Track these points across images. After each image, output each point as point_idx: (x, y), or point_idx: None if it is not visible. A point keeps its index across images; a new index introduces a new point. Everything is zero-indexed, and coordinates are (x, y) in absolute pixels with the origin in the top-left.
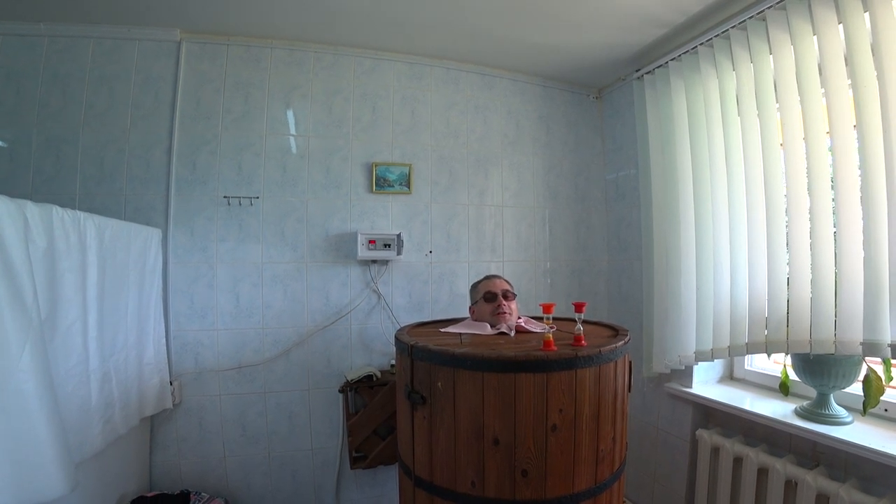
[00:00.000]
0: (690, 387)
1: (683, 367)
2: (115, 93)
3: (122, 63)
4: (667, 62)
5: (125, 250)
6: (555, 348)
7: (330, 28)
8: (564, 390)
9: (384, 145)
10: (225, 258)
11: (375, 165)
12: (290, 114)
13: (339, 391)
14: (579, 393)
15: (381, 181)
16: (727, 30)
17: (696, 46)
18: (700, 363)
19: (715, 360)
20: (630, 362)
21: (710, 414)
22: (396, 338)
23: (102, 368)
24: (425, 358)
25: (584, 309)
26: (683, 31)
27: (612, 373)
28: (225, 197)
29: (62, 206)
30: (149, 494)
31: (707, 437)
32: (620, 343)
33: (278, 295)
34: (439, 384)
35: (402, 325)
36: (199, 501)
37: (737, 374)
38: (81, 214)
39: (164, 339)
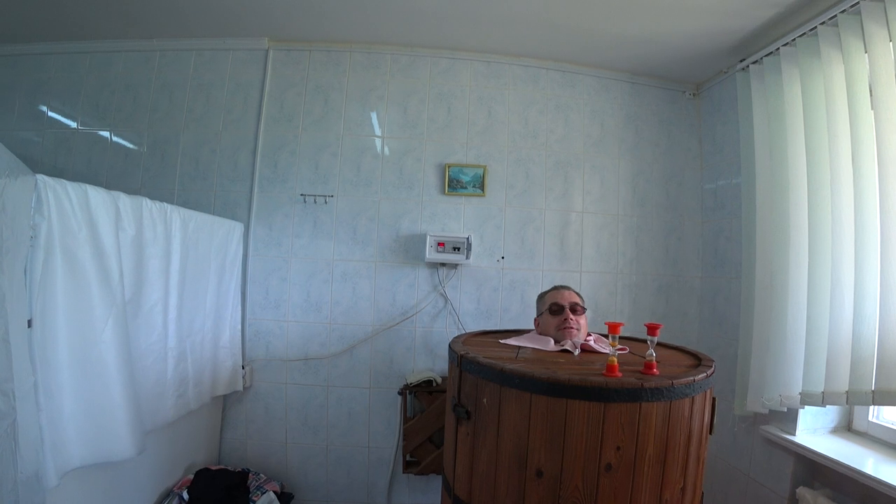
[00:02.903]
0: (793, 434)
1: (786, 410)
2: (211, 98)
3: (218, 71)
4: (777, 48)
5: (207, 241)
6: (619, 374)
7: (406, 29)
8: (625, 425)
9: (458, 146)
10: (299, 253)
11: (448, 167)
12: (365, 115)
13: (399, 393)
14: (643, 430)
15: (453, 183)
16: (857, 2)
17: (815, 27)
18: (807, 407)
19: (827, 407)
20: (714, 399)
21: (818, 470)
22: (450, 346)
23: (179, 347)
24: (473, 370)
25: (658, 332)
26: (799, 10)
27: (688, 410)
28: (302, 195)
29: (163, 200)
30: (213, 467)
31: (811, 498)
32: (701, 376)
33: (347, 292)
34: (485, 400)
35: (468, 331)
36: (257, 481)
37: (857, 425)
38: (168, 207)
39: (239, 326)
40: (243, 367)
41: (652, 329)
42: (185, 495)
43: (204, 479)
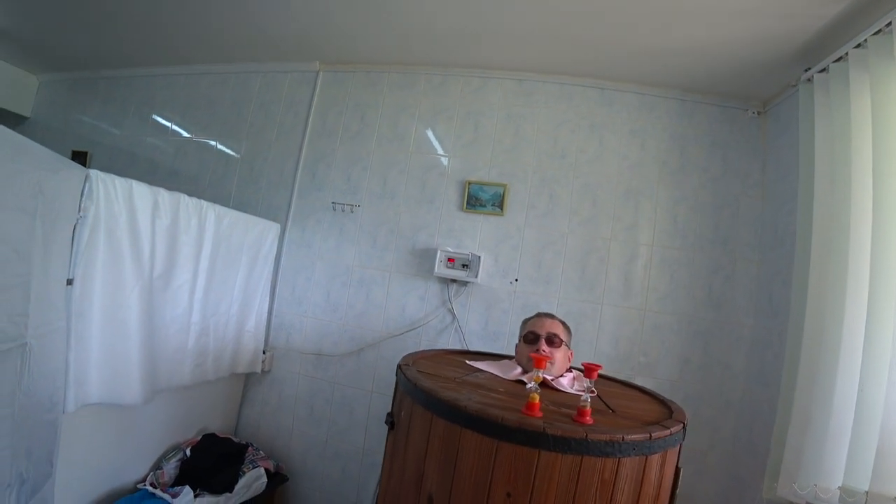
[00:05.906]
0: None
1: None
2: (269, 114)
3: (277, 91)
4: (846, 52)
5: (241, 237)
6: (538, 414)
7: (440, 49)
8: (518, 470)
9: (482, 163)
10: (325, 256)
11: (469, 183)
12: (395, 132)
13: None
14: (540, 482)
15: (472, 200)
16: None
17: (889, 22)
18: None
19: None
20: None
21: None
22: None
23: (202, 324)
24: (402, 382)
25: (595, 374)
26: (870, 3)
27: (611, 473)
28: (332, 203)
29: (221, 200)
30: (220, 435)
31: None
32: (637, 436)
33: (361, 297)
34: (402, 414)
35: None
36: (254, 456)
37: None
38: (205, 203)
39: (265, 315)
40: (264, 353)
41: (589, 371)
42: (188, 452)
43: (207, 442)
